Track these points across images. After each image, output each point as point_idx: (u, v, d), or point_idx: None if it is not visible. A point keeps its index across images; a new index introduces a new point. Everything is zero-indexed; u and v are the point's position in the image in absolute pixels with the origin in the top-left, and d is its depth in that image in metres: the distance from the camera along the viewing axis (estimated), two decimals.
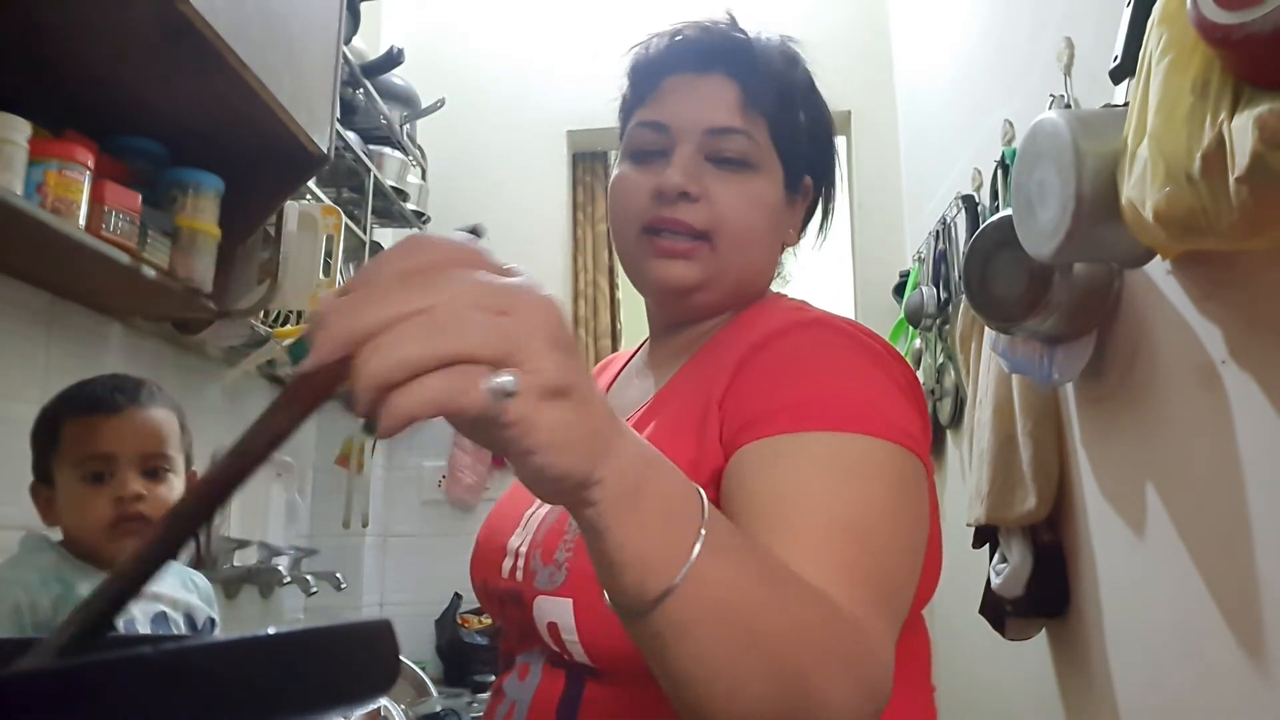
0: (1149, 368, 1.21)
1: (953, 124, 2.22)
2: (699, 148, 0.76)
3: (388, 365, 0.33)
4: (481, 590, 0.80)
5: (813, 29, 3.51)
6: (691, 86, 0.78)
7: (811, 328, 0.70)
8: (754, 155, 0.77)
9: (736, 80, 0.78)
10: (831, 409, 0.61)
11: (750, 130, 0.77)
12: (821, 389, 0.63)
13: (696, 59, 0.79)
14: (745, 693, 0.45)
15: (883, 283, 2.68)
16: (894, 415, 0.63)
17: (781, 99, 0.79)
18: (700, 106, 0.77)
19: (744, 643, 0.45)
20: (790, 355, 0.68)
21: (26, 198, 1.06)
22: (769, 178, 0.79)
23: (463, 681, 2.32)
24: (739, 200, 0.76)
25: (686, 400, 0.71)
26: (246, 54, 1.15)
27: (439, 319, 0.34)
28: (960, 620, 1.80)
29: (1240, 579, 1.01)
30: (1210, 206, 0.81)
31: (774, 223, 0.80)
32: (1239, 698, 1.02)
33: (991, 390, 1.59)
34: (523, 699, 0.70)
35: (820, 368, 0.66)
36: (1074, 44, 1.43)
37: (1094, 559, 1.40)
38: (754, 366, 0.68)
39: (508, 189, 2.92)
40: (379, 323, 0.34)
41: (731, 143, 0.76)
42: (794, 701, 0.46)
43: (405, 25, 2.91)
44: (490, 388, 0.35)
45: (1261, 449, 0.99)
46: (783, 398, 0.63)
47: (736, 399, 0.67)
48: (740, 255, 0.78)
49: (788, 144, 0.80)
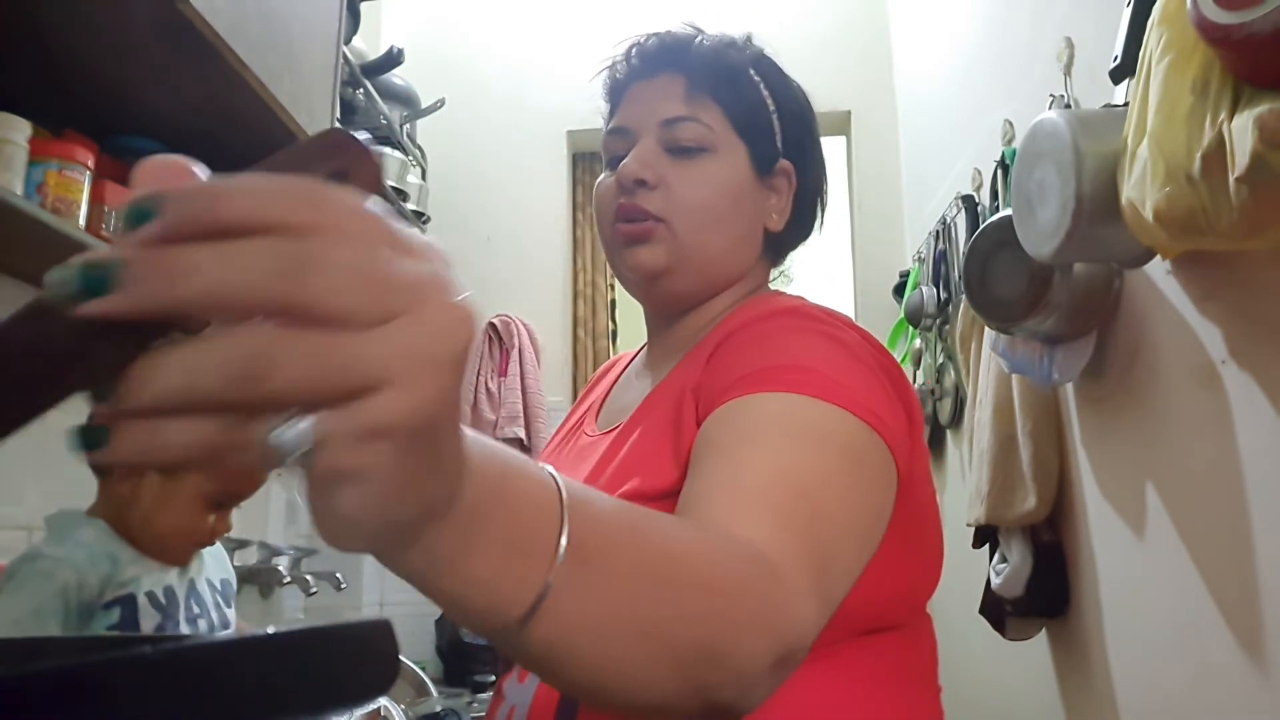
0: (1149, 368, 1.21)
1: (953, 124, 2.22)
2: (657, 140, 0.79)
3: (164, 388, 0.25)
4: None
5: (812, 29, 3.51)
6: (646, 89, 0.82)
7: (786, 314, 0.71)
8: (708, 139, 0.79)
9: (682, 73, 0.81)
10: (791, 376, 0.61)
11: (700, 115, 0.79)
12: (781, 360, 0.64)
13: (648, 65, 0.83)
14: (649, 680, 0.43)
15: (883, 283, 2.68)
16: (857, 391, 0.62)
17: (730, 80, 0.81)
18: (652, 103, 0.81)
19: (633, 638, 0.42)
20: (757, 337, 0.69)
21: (26, 198, 1.06)
22: (728, 160, 0.80)
23: (463, 681, 2.32)
24: (695, 184, 0.78)
25: (669, 398, 0.72)
26: (246, 54, 1.16)
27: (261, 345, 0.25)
28: (960, 620, 1.80)
29: (1240, 579, 1.01)
30: (1210, 206, 0.81)
31: (739, 203, 0.80)
32: (1239, 698, 1.02)
33: (991, 390, 1.59)
34: (522, 702, 0.70)
35: (786, 345, 0.66)
36: (1074, 44, 1.43)
37: (1094, 559, 1.40)
38: (724, 349, 0.70)
39: (508, 189, 2.93)
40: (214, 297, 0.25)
41: (684, 130, 0.79)
42: (701, 670, 0.43)
43: (405, 25, 2.91)
44: (280, 440, 0.26)
45: (1261, 449, 0.99)
46: (745, 368, 0.64)
47: (707, 381, 0.68)
48: (702, 236, 0.78)
49: (748, 123, 0.81)
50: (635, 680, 0.43)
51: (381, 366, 0.26)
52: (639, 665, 0.42)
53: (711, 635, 0.44)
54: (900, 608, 0.71)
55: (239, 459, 0.26)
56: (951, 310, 2.00)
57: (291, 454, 0.26)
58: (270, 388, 0.25)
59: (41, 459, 1.31)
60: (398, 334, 0.26)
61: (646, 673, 0.43)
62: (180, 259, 0.25)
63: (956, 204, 1.99)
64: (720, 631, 0.44)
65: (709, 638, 0.44)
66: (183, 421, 0.26)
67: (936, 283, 2.13)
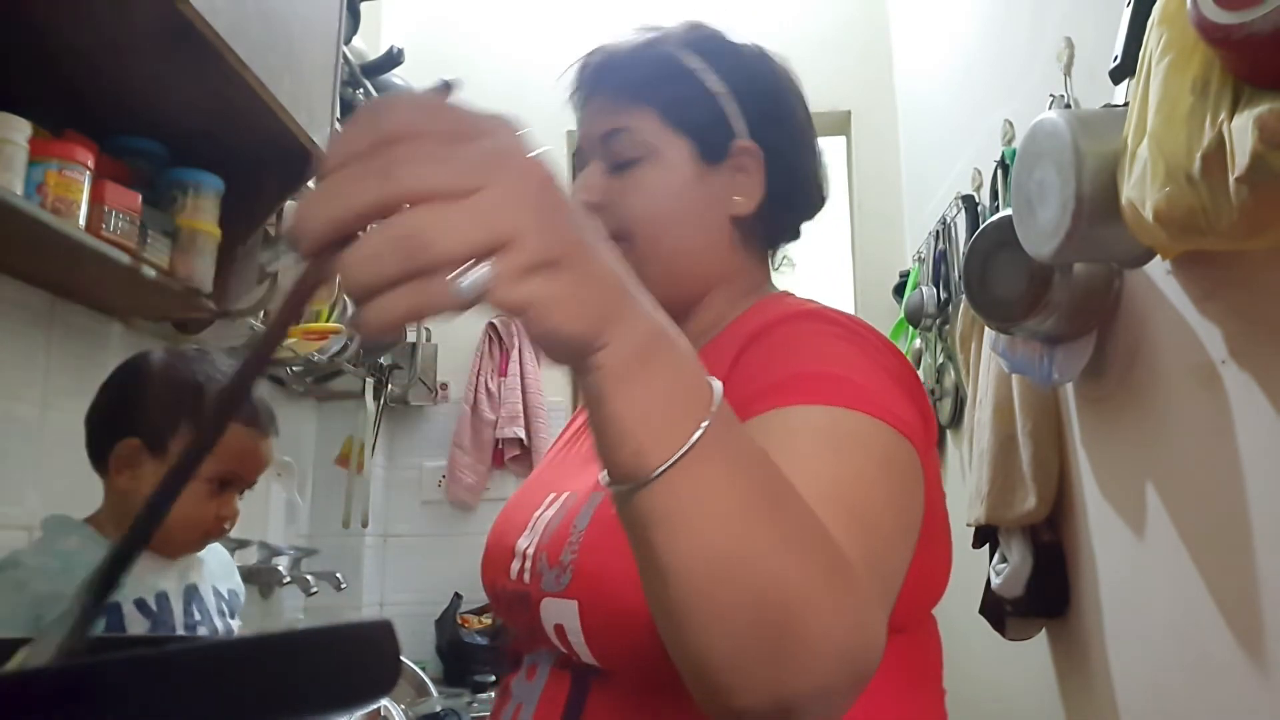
0: (1149, 368, 1.21)
1: (953, 124, 2.22)
2: (601, 159, 0.80)
3: (362, 280, 0.34)
4: (491, 592, 0.80)
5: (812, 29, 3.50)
6: (587, 111, 0.83)
7: (807, 318, 0.70)
8: (642, 145, 0.78)
9: (608, 86, 0.81)
10: (826, 385, 0.61)
11: (629, 123, 0.79)
12: (812, 368, 0.63)
13: (584, 88, 0.84)
14: (721, 611, 0.43)
15: (883, 283, 2.68)
16: (886, 399, 0.62)
17: (656, 78, 0.80)
18: (591, 124, 0.82)
19: (729, 553, 0.42)
20: (782, 342, 0.68)
21: (26, 198, 1.05)
22: (667, 160, 0.79)
23: (463, 681, 2.31)
24: (635, 194, 0.78)
25: None
26: (246, 54, 1.15)
27: (409, 227, 0.34)
28: (960, 620, 1.80)
29: (1240, 579, 1.01)
30: (1210, 206, 0.81)
31: (684, 200, 0.79)
32: (1239, 698, 1.02)
33: (991, 390, 1.59)
34: (529, 700, 0.70)
35: (816, 352, 0.66)
36: (1074, 44, 1.43)
37: (1094, 559, 1.40)
38: (748, 356, 0.69)
39: None
40: (346, 218, 0.34)
41: (616, 144, 0.79)
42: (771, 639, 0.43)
43: (405, 25, 2.91)
44: (460, 289, 0.34)
45: (1261, 449, 0.99)
46: (772, 378, 0.63)
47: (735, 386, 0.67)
48: (659, 244, 0.78)
49: (684, 116, 0.79)
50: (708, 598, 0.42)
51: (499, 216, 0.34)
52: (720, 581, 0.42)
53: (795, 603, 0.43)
54: (910, 611, 0.70)
55: (444, 307, 0.34)
56: (951, 310, 2.00)
57: (478, 296, 0.34)
58: (429, 254, 0.34)
59: (41, 459, 1.31)
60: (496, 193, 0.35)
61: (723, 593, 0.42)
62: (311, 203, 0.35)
63: (956, 204, 1.99)
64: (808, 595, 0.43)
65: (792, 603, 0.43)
66: (391, 293, 0.34)
67: (936, 283, 2.13)
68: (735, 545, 0.42)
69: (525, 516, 0.78)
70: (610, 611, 0.63)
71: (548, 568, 0.69)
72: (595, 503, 0.69)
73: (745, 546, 0.43)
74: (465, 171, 0.34)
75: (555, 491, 0.78)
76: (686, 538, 0.42)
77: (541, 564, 0.70)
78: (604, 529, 0.66)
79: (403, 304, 0.34)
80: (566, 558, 0.67)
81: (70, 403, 1.13)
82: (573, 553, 0.67)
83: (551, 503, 0.76)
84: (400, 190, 0.34)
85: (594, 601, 0.64)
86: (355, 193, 0.34)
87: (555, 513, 0.74)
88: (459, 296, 0.34)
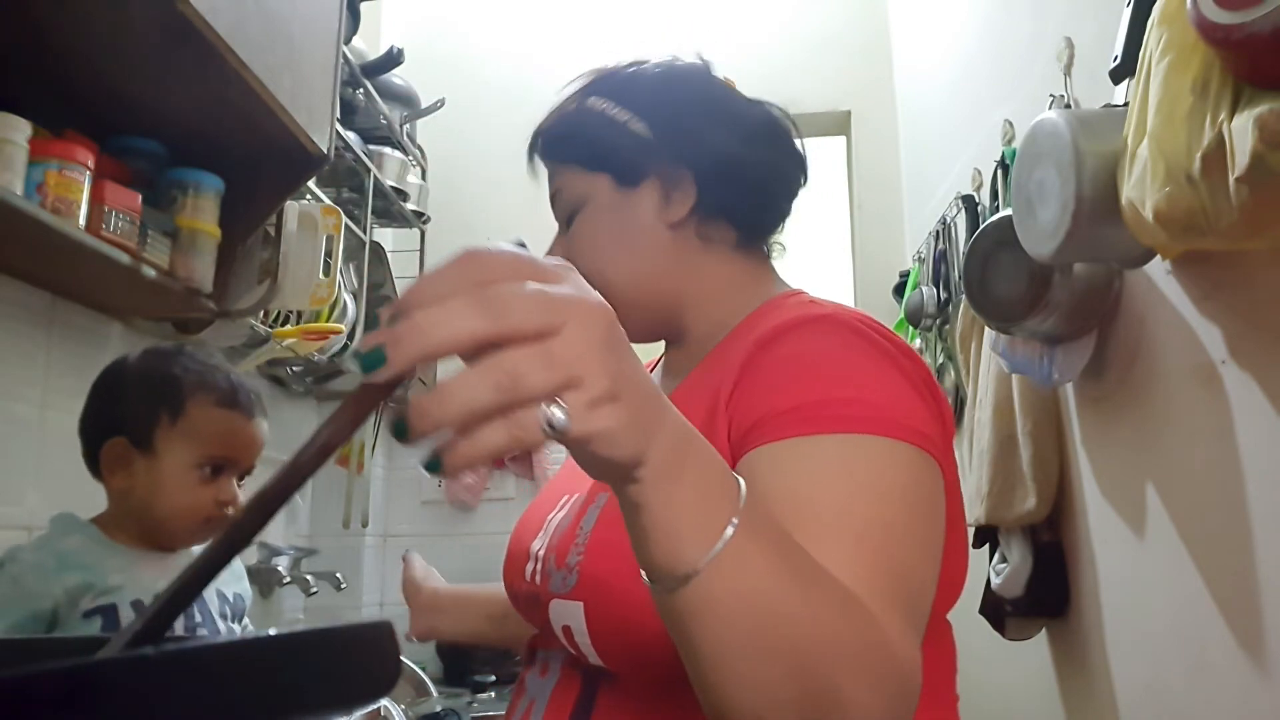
0: (1149, 368, 1.21)
1: (953, 124, 2.22)
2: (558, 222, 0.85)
3: (455, 411, 0.36)
4: (510, 593, 0.82)
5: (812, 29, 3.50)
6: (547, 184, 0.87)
7: (818, 323, 0.68)
8: (574, 197, 0.82)
9: (544, 159, 0.86)
10: (842, 410, 0.60)
11: (560, 184, 0.84)
12: (831, 389, 0.62)
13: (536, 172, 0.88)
14: (766, 687, 0.46)
15: (883, 283, 2.68)
16: (906, 415, 0.62)
17: (567, 132, 0.83)
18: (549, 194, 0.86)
19: (769, 634, 0.46)
20: (797, 353, 0.66)
21: (26, 198, 1.05)
22: (595, 201, 0.82)
23: (463, 681, 2.31)
24: (580, 241, 0.82)
25: (694, 405, 0.70)
26: (246, 54, 1.15)
27: (508, 362, 0.37)
28: (960, 620, 1.80)
29: (1240, 579, 1.01)
30: (1210, 206, 0.81)
31: (615, 229, 0.80)
32: (1239, 698, 1.02)
33: (991, 390, 1.59)
34: (541, 696, 0.71)
35: (828, 366, 0.64)
36: (1074, 44, 1.43)
37: (1094, 559, 1.40)
38: (760, 364, 0.67)
39: (508, 189, 2.91)
40: (444, 345, 0.37)
41: (558, 206, 0.84)
42: (815, 705, 0.46)
43: (405, 25, 2.91)
44: (546, 426, 0.38)
45: (1261, 449, 0.99)
46: (791, 399, 0.62)
47: (743, 398, 0.66)
48: (613, 277, 0.79)
49: (595, 154, 0.81)
50: (751, 675, 0.46)
51: (574, 361, 0.38)
52: (763, 662, 0.46)
53: (835, 673, 0.46)
54: None
55: (535, 442, 0.37)
56: (951, 310, 2.00)
57: (562, 431, 0.38)
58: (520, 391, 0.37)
59: (42, 459, 1.31)
60: (570, 336, 0.38)
61: (766, 673, 0.46)
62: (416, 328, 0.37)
63: (956, 204, 1.99)
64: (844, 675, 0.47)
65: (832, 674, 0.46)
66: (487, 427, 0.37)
67: (936, 283, 2.13)
68: (771, 628, 0.46)
69: (541, 518, 0.79)
70: (615, 615, 0.64)
71: (555, 569, 0.70)
72: (601, 504, 0.69)
73: (782, 629, 0.46)
74: (553, 313, 0.38)
75: (568, 493, 0.78)
76: (721, 626, 0.45)
77: (550, 565, 0.71)
78: (610, 531, 0.66)
79: (500, 437, 0.37)
80: (573, 560, 0.68)
81: (70, 403, 1.12)
82: (579, 555, 0.67)
83: (563, 504, 0.77)
84: (504, 326, 0.37)
85: (599, 604, 0.65)
86: (458, 323, 0.36)
87: (564, 514, 0.75)
88: (549, 432, 0.37)
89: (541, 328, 0.37)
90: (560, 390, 0.38)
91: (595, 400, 0.39)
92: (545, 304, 0.38)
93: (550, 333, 0.37)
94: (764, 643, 0.46)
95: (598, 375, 0.39)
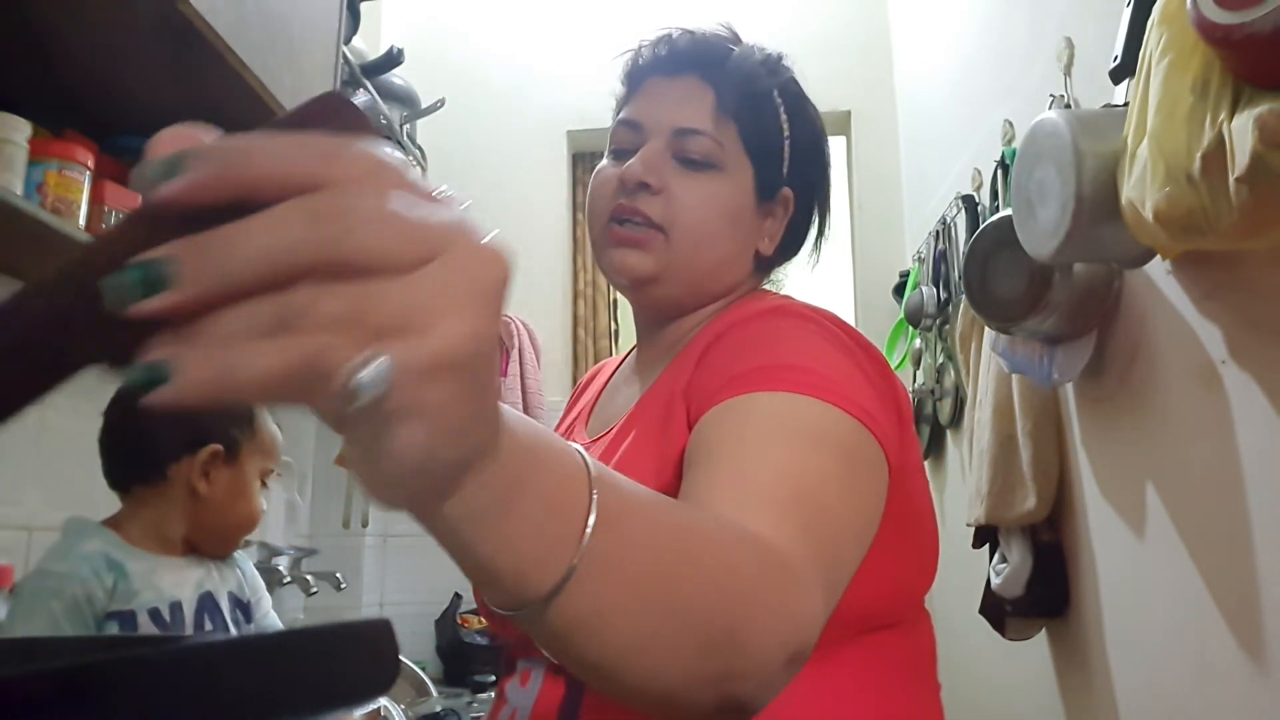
0: (1149, 368, 1.21)
1: (953, 124, 2.22)
2: (667, 145, 0.78)
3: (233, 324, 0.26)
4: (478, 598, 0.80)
5: (812, 29, 3.50)
6: (667, 88, 0.81)
7: (776, 314, 0.71)
8: (718, 157, 0.79)
9: (710, 84, 0.80)
10: (789, 375, 0.61)
11: (716, 133, 0.79)
12: (783, 358, 0.64)
13: (675, 62, 0.82)
14: (670, 662, 0.42)
15: (883, 283, 2.68)
16: (853, 391, 0.62)
17: (755, 104, 0.80)
18: (671, 107, 0.80)
19: (660, 615, 0.41)
20: (752, 336, 0.69)
21: (26, 198, 1.06)
22: (734, 180, 0.79)
23: (462, 681, 2.31)
24: (697, 198, 0.78)
25: (659, 401, 0.72)
26: (246, 54, 1.15)
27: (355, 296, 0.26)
28: (960, 620, 1.80)
29: (1240, 579, 1.01)
30: (1210, 206, 0.81)
31: (736, 224, 0.80)
32: (1239, 698, 1.02)
33: (991, 390, 1.59)
34: (524, 705, 0.70)
35: (783, 344, 0.66)
36: (1074, 44, 1.43)
37: (1094, 559, 1.40)
38: (715, 350, 0.69)
39: (508, 189, 2.92)
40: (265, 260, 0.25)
41: (696, 144, 0.78)
42: (721, 655, 0.43)
43: (405, 25, 2.91)
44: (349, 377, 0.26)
45: (1261, 449, 0.99)
46: (739, 368, 0.64)
47: (698, 381, 0.68)
48: (695, 251, 0.78)
49: (760, 149, 0.80)
50: (657, 660, 0.41)
51: (430, 304, 0.27)
52: (663, 643, 0.41)
53: (735, 616, 0.43)
54: (899, 604, 0.71)
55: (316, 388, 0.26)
56: (951, 310, 2.00)
57: (369, 393, 0.26)
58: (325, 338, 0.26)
59: (41, 459, 1.31)
60: (439, 274, 0.27)
61: (669, 653, 0.42)
62: (224, 237, 0.25)
63: (956, 204, 1.99)
64: (744, 612, 0.43)
65: (733, 619, 0.43)
66: (264, 342, 0.26)
67: (936, 283, 2.13)
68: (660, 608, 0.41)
69: None
70: None
71: None
72: None
73: (671, 603, 0.41)
74: (420, 241, 0.27)
75: None
76: (604, 630, 0.40)
77: None
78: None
79: (269, 363, 0.26)
80: None
81: (70, 403, 1.13)
82: None
83: None
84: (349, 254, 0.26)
85: None
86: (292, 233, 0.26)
87: None
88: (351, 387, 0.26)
89: (405, 257, 0.27)
90: (394, 335, 0.26)
91: (437, 359, 0.27)
92: (420, 226, 0.27)
93: (415, 265, 0.27)
94: (655, 626, 0.41)
95: (454, 328, 0.27)
